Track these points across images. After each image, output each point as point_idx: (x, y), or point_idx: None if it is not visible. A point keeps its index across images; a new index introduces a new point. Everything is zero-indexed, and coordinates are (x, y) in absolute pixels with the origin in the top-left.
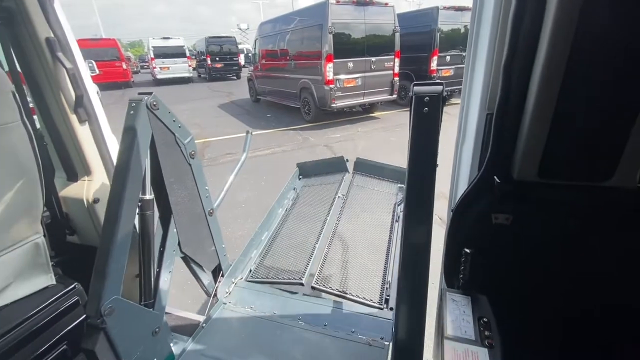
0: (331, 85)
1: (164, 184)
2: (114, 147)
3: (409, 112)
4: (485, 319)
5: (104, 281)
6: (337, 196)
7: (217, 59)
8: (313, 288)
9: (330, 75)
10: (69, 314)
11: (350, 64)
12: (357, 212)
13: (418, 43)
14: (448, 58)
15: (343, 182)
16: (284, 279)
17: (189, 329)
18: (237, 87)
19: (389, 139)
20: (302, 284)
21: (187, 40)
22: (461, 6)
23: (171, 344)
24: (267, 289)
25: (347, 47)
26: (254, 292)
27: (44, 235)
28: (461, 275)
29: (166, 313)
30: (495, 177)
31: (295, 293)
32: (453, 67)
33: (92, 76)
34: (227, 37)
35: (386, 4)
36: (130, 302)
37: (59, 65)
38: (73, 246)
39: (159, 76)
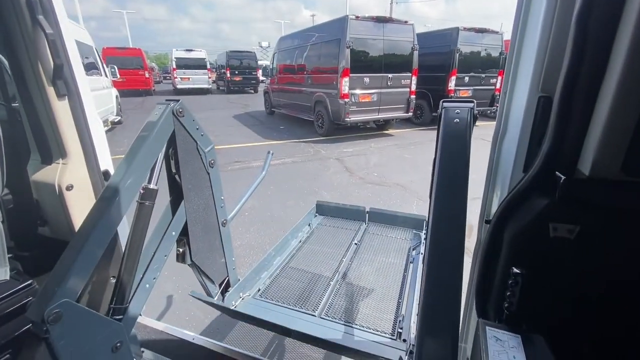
0: (346, 100)
1: (181, 189)
2: (97, 130)
3: (436, 127)
4: None
5: (61, 279)
6: (353, 242)
7: (236, 72)
8: (323, 318)
9: (345, 89)
10: (17, 318)
11: (367, 80)
12: (372, 255)
13: (437, 63)
14: (466, 79)
15: (359, 230)
16: (296, 306)
17: (163, 345)
18: (253, 100)
19: (402, 155)
20: (314, 316)
21: (210, 55)
22: (482, 28)
23: None
24: (275, 308)
25: (364, 62)
26: (261, 308)
27: (2, 222)
28: (506, 305)
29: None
30: (557, 173)
31: (305, 314)
32: (471, 88)
33: (113, 81)
34: (247, 51)
35: (406, 21)
36: (85, 308)
37: (38, 31)
38: (44, 240)
39: (179, 86)
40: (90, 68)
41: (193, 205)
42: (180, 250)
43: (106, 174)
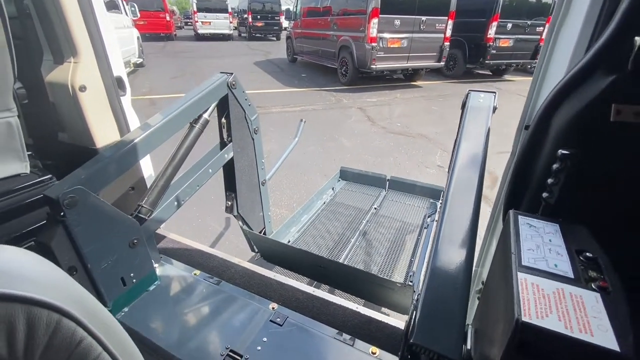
0: (373, 44)
1: (227, 146)
2: (107, 32)
3: (470, 81)
4: (588, 254)
5: (82, 174)
6: (373, 207)
7: (259, 17)
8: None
9: (373, 32)
10: (39, 209)
11: (397, 22)
12: (389, 219)
13: (477, 7)
14: (509, 26)
15: (379, 196)
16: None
17: (181, 253)
18: (275, 47)
19: (430, 107)
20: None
21: (231, 2)
22: None
23: (155, 265)
24: None
25: (395, 2)
26: None
27: (18, 117)
28: (545, 195)
29: (170, 239)
30: (637, 38)
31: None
32: (513, 37)
33: (136, 25)
34: None
35: None
36: (100, 198)
37: None
38: (65, 146)
39: (200, 31)
40: (110, 6)
41: (240, 166)
42: (229, 203)
43: (119, 81)
